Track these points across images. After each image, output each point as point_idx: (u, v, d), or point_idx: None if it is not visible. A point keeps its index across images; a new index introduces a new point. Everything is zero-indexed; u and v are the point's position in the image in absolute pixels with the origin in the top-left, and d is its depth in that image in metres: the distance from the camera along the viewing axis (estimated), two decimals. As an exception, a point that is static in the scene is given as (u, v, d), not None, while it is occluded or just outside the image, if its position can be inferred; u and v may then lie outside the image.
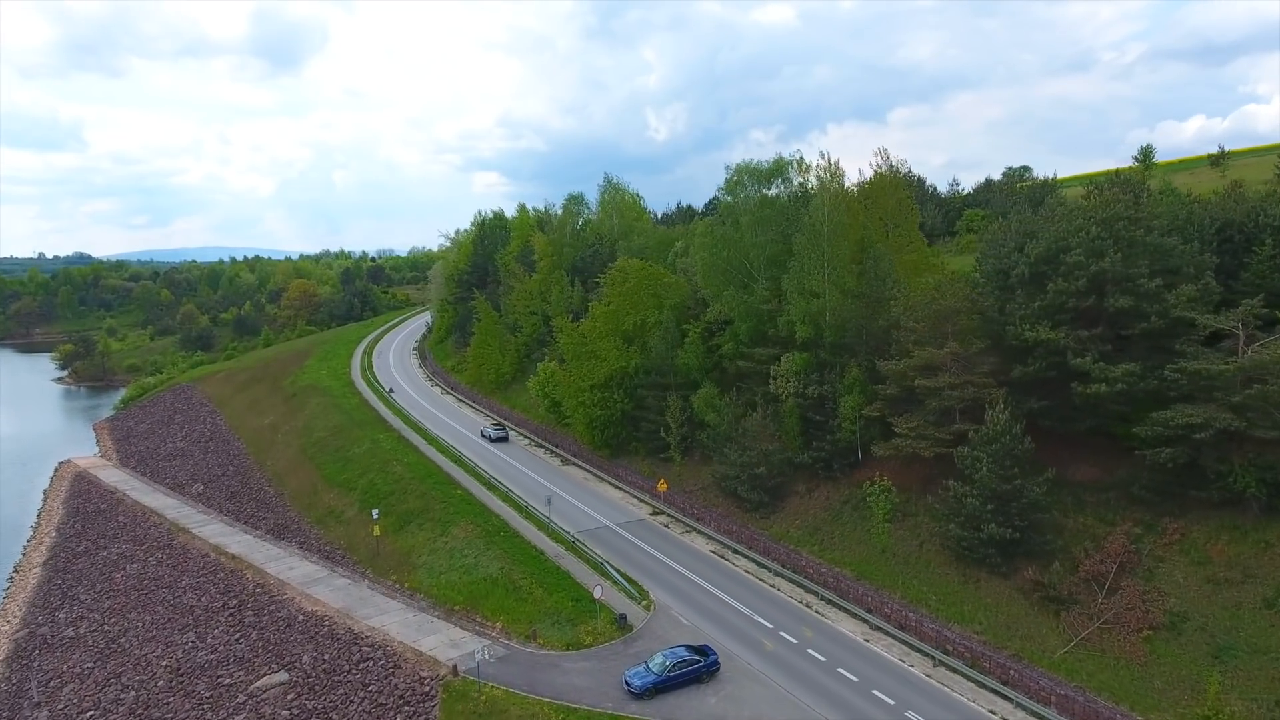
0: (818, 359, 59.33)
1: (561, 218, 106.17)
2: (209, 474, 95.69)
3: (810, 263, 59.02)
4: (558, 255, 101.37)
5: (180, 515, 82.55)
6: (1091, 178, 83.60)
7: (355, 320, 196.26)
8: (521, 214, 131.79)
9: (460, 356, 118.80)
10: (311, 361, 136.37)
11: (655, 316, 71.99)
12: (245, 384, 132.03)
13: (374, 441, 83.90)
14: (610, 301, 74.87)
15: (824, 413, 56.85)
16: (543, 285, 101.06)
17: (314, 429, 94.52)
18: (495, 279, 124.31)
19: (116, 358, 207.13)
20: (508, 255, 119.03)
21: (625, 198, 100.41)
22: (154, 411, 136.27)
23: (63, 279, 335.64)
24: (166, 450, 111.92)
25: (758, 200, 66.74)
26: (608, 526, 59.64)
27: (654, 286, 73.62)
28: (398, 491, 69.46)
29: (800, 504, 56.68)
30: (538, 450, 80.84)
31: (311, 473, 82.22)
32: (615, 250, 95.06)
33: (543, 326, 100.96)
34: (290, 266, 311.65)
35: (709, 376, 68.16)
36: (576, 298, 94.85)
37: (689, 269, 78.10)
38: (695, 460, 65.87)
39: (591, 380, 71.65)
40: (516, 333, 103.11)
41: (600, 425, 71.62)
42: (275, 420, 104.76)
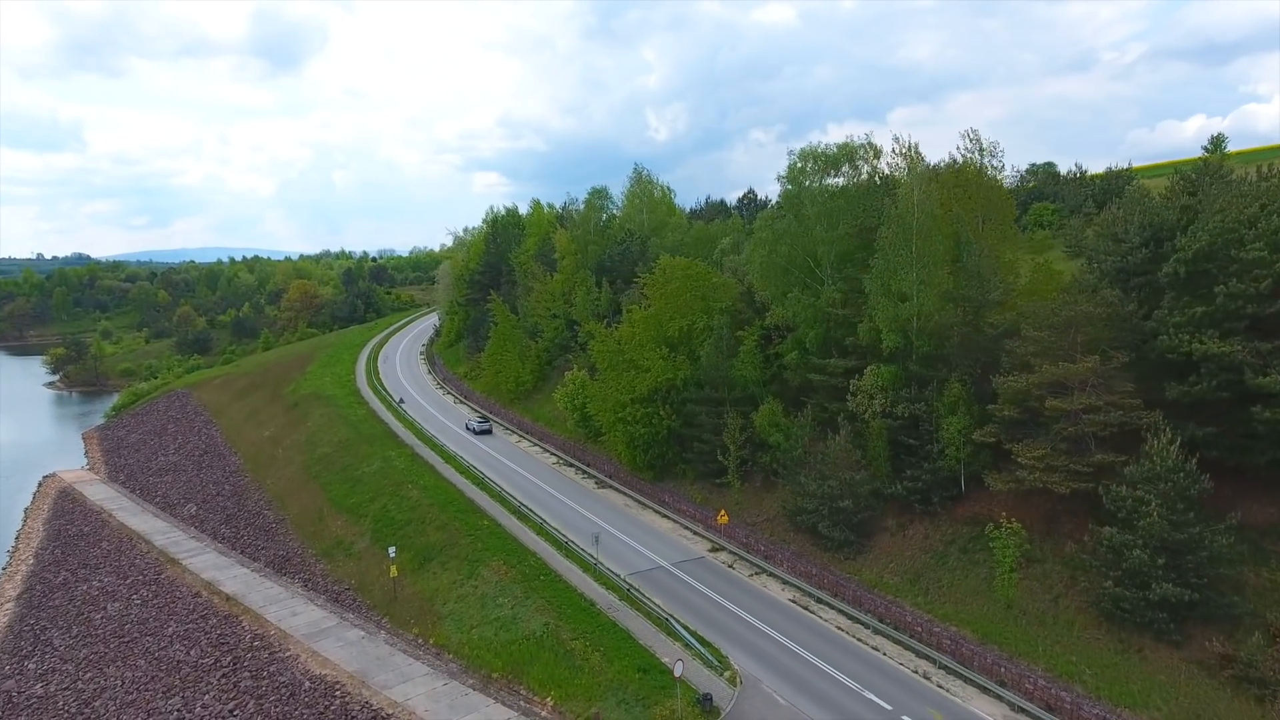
0: (905, 372, 50.63)
1: (584, 213, 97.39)
2: (203, 493, 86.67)
3: (898, 261, 50.29)
4: (581, 254, 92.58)
5: (170, 542, 73.66)
6: (1176, 167, 74.93)
7: (358, 322, 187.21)
8: (537, 210, 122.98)
9: (474, 362, 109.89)
10: (314, 367, 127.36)
11: (704, 321, 63.21)
12: (243, 391, 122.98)
13: (385, 459, 75.00)
14: (651, 304, 66.09)
15: (919, 435, 48.13)
16: (565, 286, 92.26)
17: (318, 443, 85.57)
18: (510, 279, 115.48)
19: (110, 361, 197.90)
20: (524, 254, 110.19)
21: (655, 192, 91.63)
22: (146, 420, 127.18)
23: (58, 280, 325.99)
24: (158, 464, 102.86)
25: (826, 190, 57.98)
26: (662, 567, 50.83)
27: (701, 288, 64.86)
28: (415, 521, 60.58)
29: (891, 543, 47.90)
30: (567, 470, 71.96)
31: (316, 494, 73.27)
32: (646, 248, 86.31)
33: (565, 331, 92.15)
34: (290, 267, 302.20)
35: (767, 390, 59.45)
36: (604, 300, 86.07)
37: (739, 268, 69.36)
38: (756, 486, 57.10)
39: (632, 393, 62.88)
40: (537, 338, 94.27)
41: (643, 445, 62.83)
42: (275, 433, 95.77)
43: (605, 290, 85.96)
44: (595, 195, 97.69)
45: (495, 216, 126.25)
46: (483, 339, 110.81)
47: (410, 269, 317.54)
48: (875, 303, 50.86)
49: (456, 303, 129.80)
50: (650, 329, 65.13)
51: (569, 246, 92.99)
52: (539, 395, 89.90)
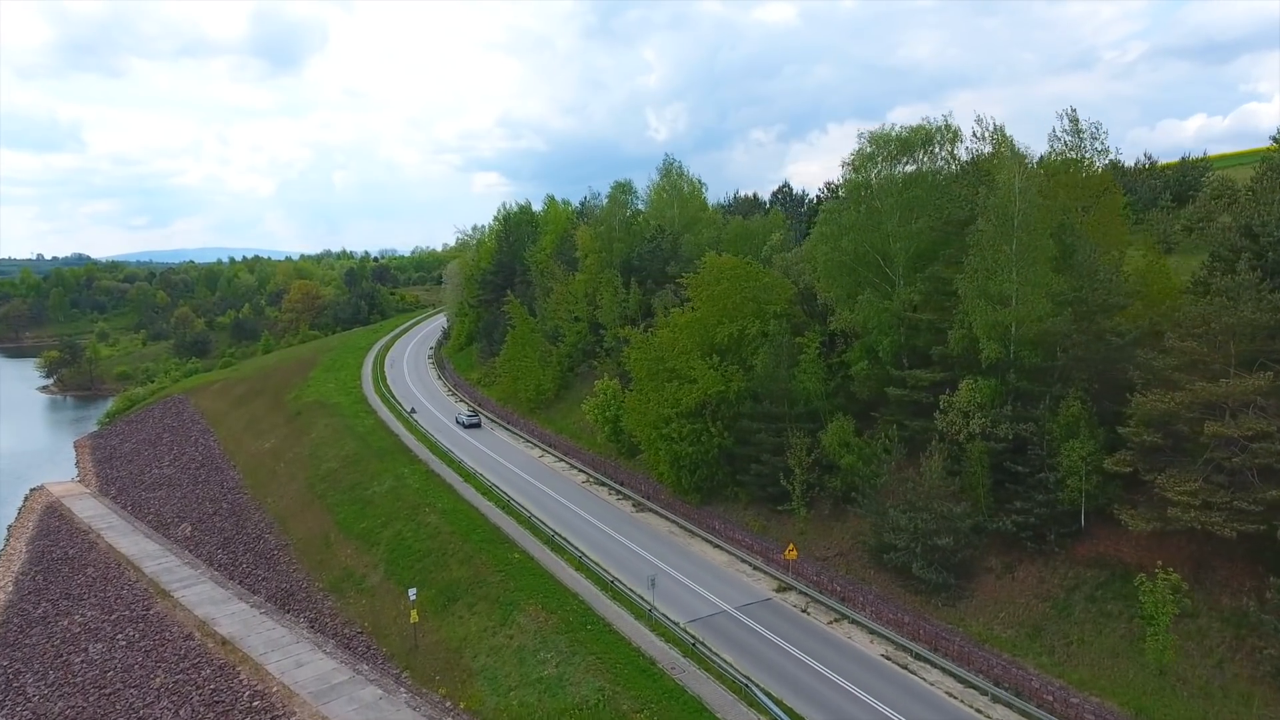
0: (1005, 385, 43.54)
1: (608, 208, 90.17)
2: (199, 511, 79.42)
3: (997, 258, 43.20)
4: (606, 251, 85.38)
5: (161, 569, 66.44)
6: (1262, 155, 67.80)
7: (362, 324, 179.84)
8: (552, 206, 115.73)
9: (488, 368, 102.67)
10: (317, 372, 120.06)
11: (757, 327, 56.06)
12: (242, 398, 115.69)
13: (398, 477, 67.79)
14: (697, 307, 58.95)
15: (1027, 461, 41.03)
16: (589, 286, 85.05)
17: (323, 457, 78.33)
18: (525, 279, 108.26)
19: (106, 364, 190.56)
20: (541, 252, 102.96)
21: (686, 185, 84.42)
22: (141, 428, 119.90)
23: (54, 280, 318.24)
24: (151, 477, 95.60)
25: (900, 178, 50.84)
26: (725, 611, 43.67)
27: (753, 288, 57.70)
28: (435, 552, 53.39)
29: (997, 587, 40.79)
30: (599, 490, 64.77)
31: (322, 516, 66.08)
32: (679, 245, 79.15)
33: (590, 335, 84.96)
34: (291, 267, 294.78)
35: (830, 403, 52.33)
36: (633, 301, 78.90)
37: (790, 267, 62.26)
38: (824, 515, 49.94)
39: (676, 407, 55.72)
40: (557, 342, 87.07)
41: (689, 465, 55.64)
42: (277, 444, 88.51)
43: (634, 291, 78.79)
44: (619, 189, 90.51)
45: (508, 213, 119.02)
46: (497, 343, 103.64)
47: (413, 269, 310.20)
48: (971, 306, 43.74)
49: (467, 304, 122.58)
50: (694, 335, 57.99)
51: (592, 244, 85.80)
52: (561, 405, 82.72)
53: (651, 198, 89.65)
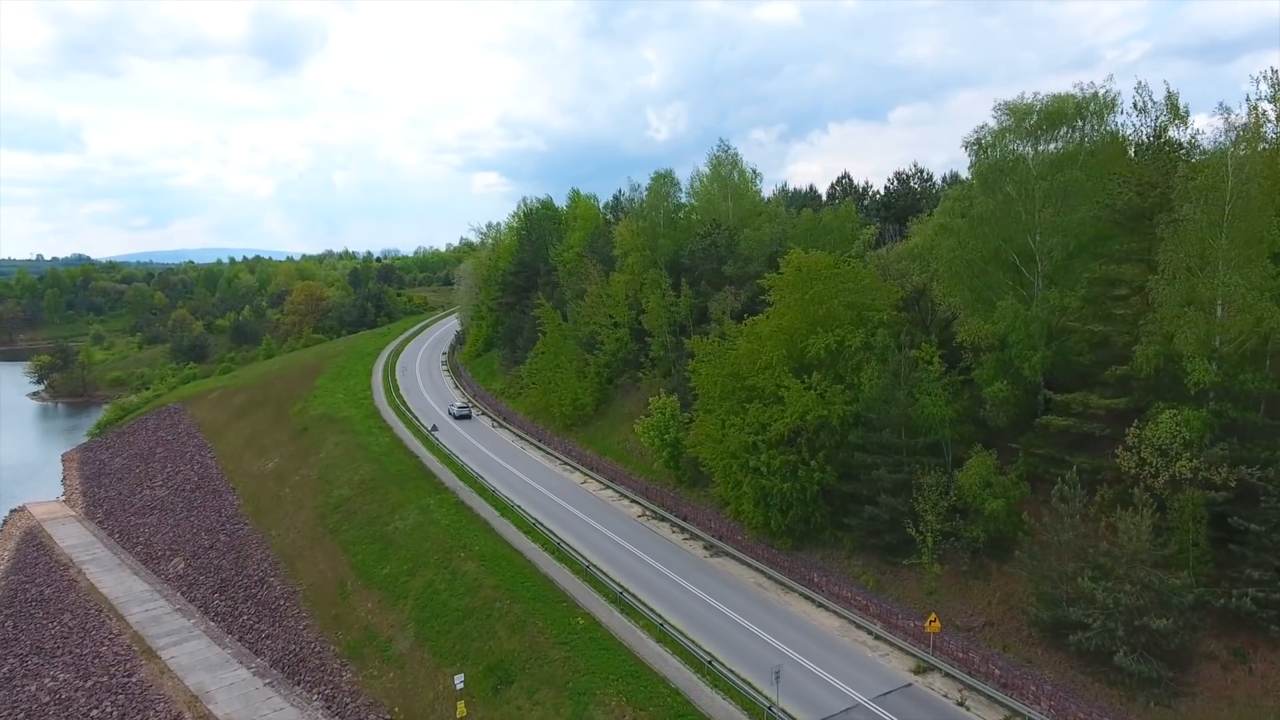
0: (1219, 417, 33.86)
1: (649, 201, 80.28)
2: (193, 543, 69.51)
3: (1204, 255, 33.52)
4: (650, 249, 75.57)
5: (149, 617, 56.77)
6: None
7: (368, 327, 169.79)
8: (577, 200, 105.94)
9: (511, 377, 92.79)
10: (323, 380, 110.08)
11: (860, 338, 46.24)
12: (243, 409, 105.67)
13: (423, 510, 57.96)
14: (783, 314, 49.17)
15: (1262, 516, 31.34)
16: (630, 288, 75.23)
17: (334, 482, 68.41)
18: (550, 280, 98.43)
19: (100, 369, 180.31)
20: (568, 251, 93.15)
21: (740, 174, 74.58)
22: (133, 441, 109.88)
23: (50, 281, 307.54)
24: (142, 499, 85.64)
25: (1050, 158, 41.12)
26: (860, 705, 33.89)
27: (851, 292, 47.94)
28: (478, 612, 43.54)
29: (1228, 684, 31.05)
30: (659, 526, 54.95)
31: (335, 556, 56.26)
32: (736, 242, 69.34)
33: (632, 343, 75.15)
34: (293, 267, 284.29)
35: (955, 431, 42.59)
36: (684, 305, 69.12)
37: (888, 266, 52.49)
38: (960, 571, 40.13)
39: (764, 433, 46.01)
40: (594, 350, 77.24)
41: (780, 503, 45.86)
42: (281, 464, 78.55)
43: (685, 293, 68.99)
44: (660, 180, 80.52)
45: (529, 209, 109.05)
46: (522, 350, 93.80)
47: (417, 269, 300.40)
48: (1170, 315, 34.02)
49: (486, 307, 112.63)
50: (779, 347, 48.25)
51: (633, 241, 75.92)
52: (601, 421, 72.88)
53: (698, 189, 79.76)
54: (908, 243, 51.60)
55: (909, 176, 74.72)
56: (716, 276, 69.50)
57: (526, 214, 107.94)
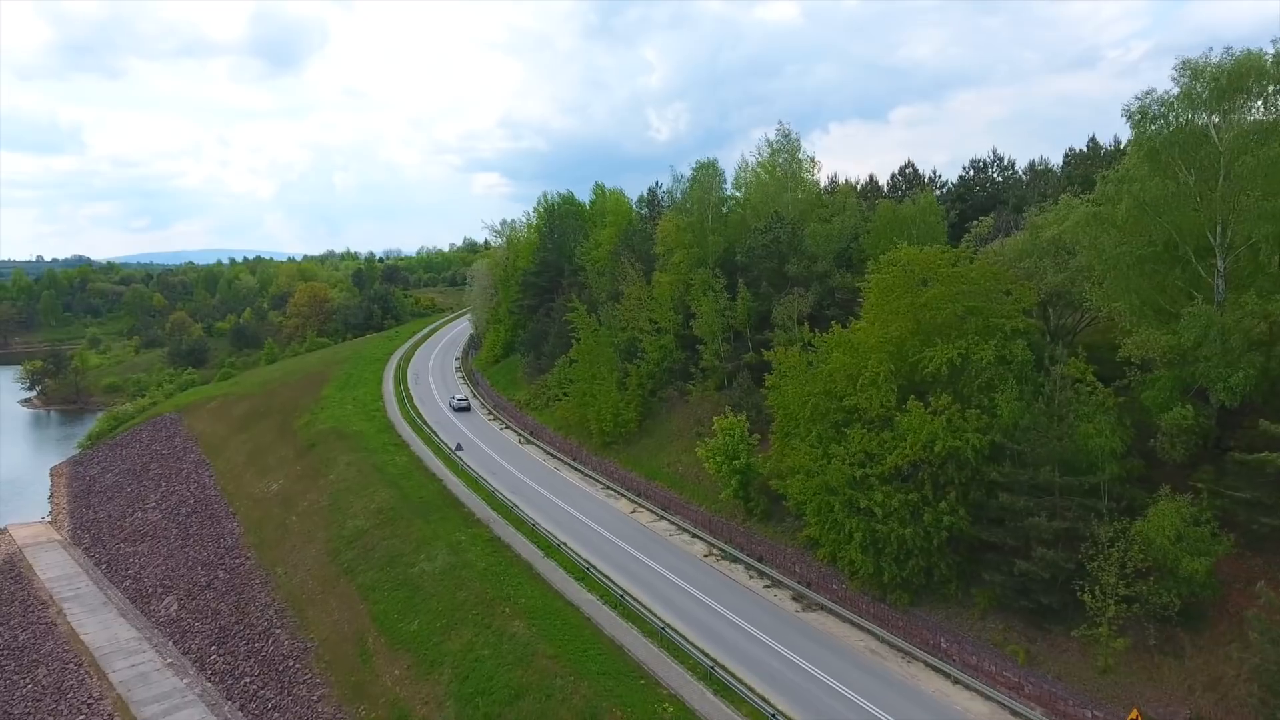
0: None
1: (692, 192, 71.89)
2: (188, 579, 61.12)
3: None
4: (699, 247, 67.27)
5: (136, 674, 48.56)
6: None
7: (375, 330, 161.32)
8: (605, 194, 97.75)
9: (537, 386, 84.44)
10: (330, 389, 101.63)
11: (990, 351, 37.92)
12: (244, 420, 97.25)
13: (453, 548, 49.59)
14: (888, 322, 40.87)
15: None
16: (676, 290, 66.94)
17: (347, 510, 60.02)
18: (577, 281, 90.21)
19: (94, 375, 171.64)
20: (598, 249, 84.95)
21: (799, 163, 66.12)
22: (126, 454, 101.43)
23: (47, 282, 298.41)
24: (133, 523, 77.21)
25: (1252, 128, 32.81)
26: (1057, 840, 25.57)
27: (973, 295, 39.65)
28: (534, 689, 35.14)
29: None
30: (732, 570, 46.55)
31: (353, 604, 47.89)
32: (800, 238, 61.02)
33: (678, 351, 66.87)
34: (294, 268, 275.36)
35: (1122, 467, 34.29)
36: (742, 309, 60.84)
37: (1011, 265, 44.13)
38: (1146, 645, 31.81)
39: (875, 466, 37.80)
40: (635, 359, 68.94)
41: (897, 551, 37.61)
42: (287, 486, 70.14)
43: (743, 296, 60.68)
44: (704, 171, 71.87)
45: (551, 204, 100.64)
46: (547, 357, 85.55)
47: (421, 270, 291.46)
48: None
49: (505, 309, 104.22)
50: (884, 361, 39.98)
51: (679, 238, 67.59)
52: (646, 439, 64.55)
53: (746, 180, 71.32)
54: (1030, 236, 43.29)
55: (987, 164, 66.42)
56: (777, 277, 61.26)
57: (548, 209, 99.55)
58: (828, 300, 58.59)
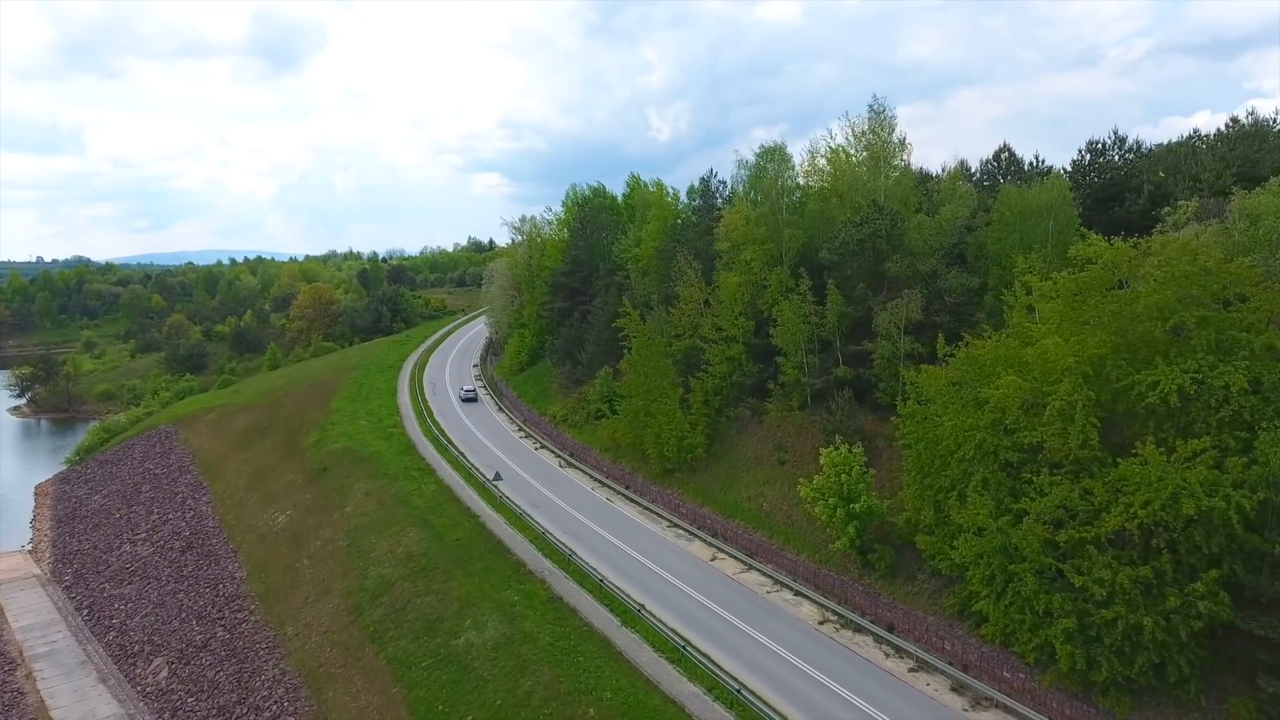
0: None
1: (756, 181, 62.22)
2: (181, 636, 51.34)
3: None
4: (773, 243, 57.62)
5: (113, 772, 38.58)
6: None
7: (384, 333, 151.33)
8: (636, 186, 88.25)
9: (574, 400, 74.67)
10: (340, 401, 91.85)
11: (1236, 374, 28.26)
12: (246, 435, 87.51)
13: (506, 612, 39.86)
14: (1085, 334, 31.22)
15: None
16: (745, 292, 57.30)
17: (369, 553, 50.30)
18: (613, 281, 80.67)
19: (87, 381, 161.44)
20: (641, 246, 75.32)
21: (890, 144, 56.34)
22: (116, 472, 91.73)
23: (42, 283, 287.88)
24: (121, 558, 67.50)
25: None
26: None
27: (1201, 301, 30.03)
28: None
29: None
30: (859, 642, 36.80)
31: (383, 684, 38.14)
32: (900, 231, 51.36)
33: (750, 363, 57.25)
34: (296, 268, 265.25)
35: None
36: (832, 315, 51.19)
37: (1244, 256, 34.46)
38: None
39: (1073, 527, 28.21)
40: (698, 372, 59.28)
41: (1122, 644, 27.97)
42: (296, 519, 60.40)
43: (833, 300, 51.02)
44: (770, 157, 62.17)
45: (583, 197, 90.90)
46: (585, 367, 75.93)
47: (427, 270, 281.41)
48: None
49: (533, 313, 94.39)
50: (1077, 385, 30.33)
51: (749, 232, 57.87)
52: (716, 467, 54.90)
53: (817, 167, 61.49)
54: (1246, 226, 33.78)
55: (1107, 146, 56.74)
56: (874, 277, 51.67)
57: (580, 203, 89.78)
58: (936, 305, 49.05)
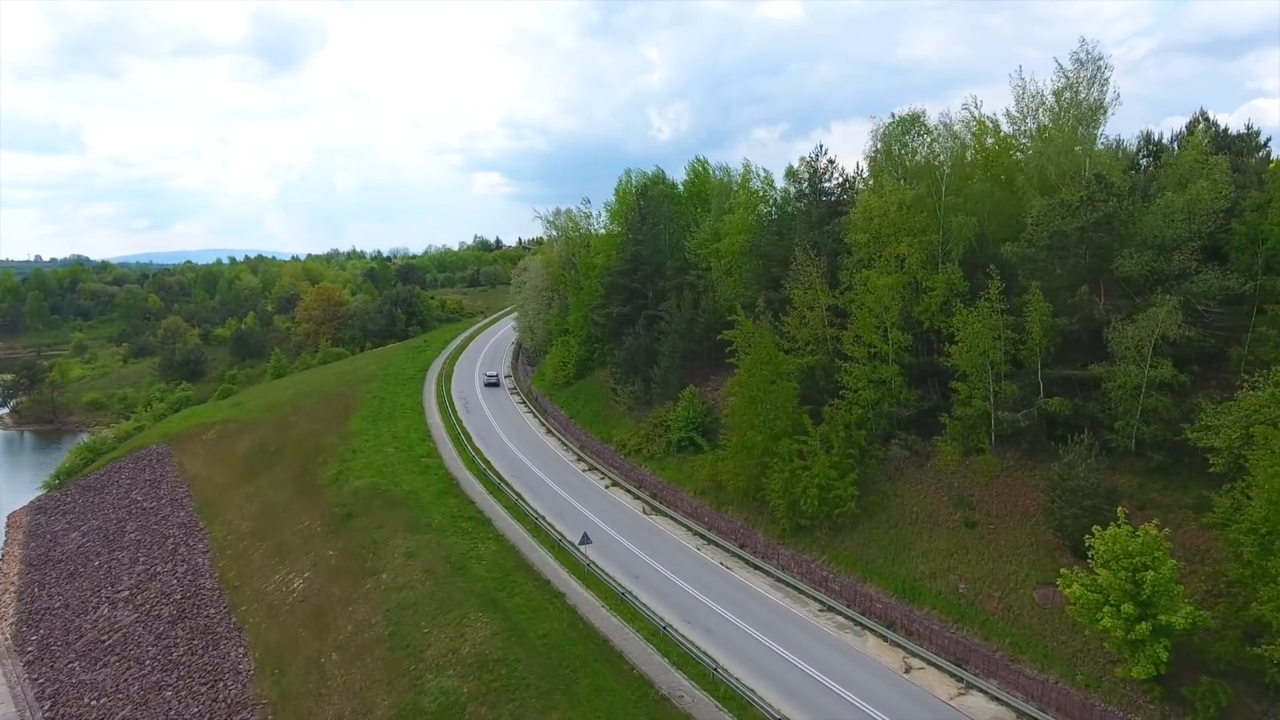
0: None
1: (887, 151, 48.57)
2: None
3: None
4: (939, 233, 44.08)
5: None
6: None
7: (397, 338, 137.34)
8: (701, 171, 74.86)
9: (647, 426, 60.87)
10: (359, 420, 78.10)
11: None
12: (250, 461, 73.81)
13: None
14: None
15: None
16: (902, 298, 43.75)
17: (420, 651, 36.57)
18: (685, 282, 67.22)
19: (75, 389, 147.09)
20: (723, 241, 61.88)
21: (1097, 94, 42.64)
22: (99, 504, 78.00)
23: (34, 282, 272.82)
24: (97, 625, 53.73)
25: None
26: None
27: None
28: None
29: None
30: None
31: None
32: (1133, 216, 37.78)
33: (906, 389, 43.72)
34: (298, 268, 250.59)
35: None
36: (1036, 330, 37.66)
37: None
38: None
39: None
40: (829, 400, 45.71)
41: None
42: (317, 586, 46.63)
43: (1038, 309, 37.47)
44: (902, 125, 48.73)
45: (643, 183, 77.15)
46: (660, 387, 62.32)
47: (435, 269, 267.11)
48: None
49: (580, 317, 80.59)
50: None
51: (903, 220, 44.26)
52: (869, 524, 41.31)
53: (982, 128, 47.72)
54: None
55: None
56: (1091, 278, 38.19)
57: (641, 190, 76.03)
58: (1188, 316, 35.66)
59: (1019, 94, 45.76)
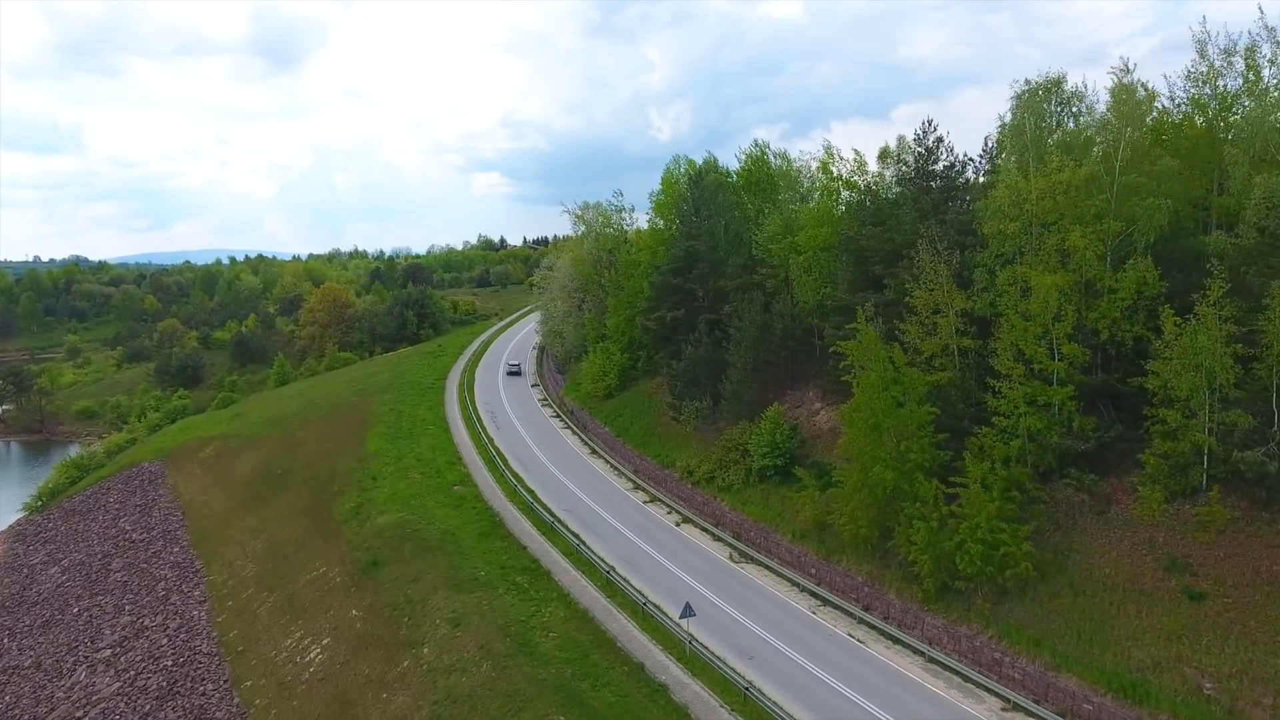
0: None
1: (1020, 127, 39.41)
2: None
3: None
4: (1124, 219, 34.93)
5: None
6: None
7: (409, 342, 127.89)
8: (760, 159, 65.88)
9: (719, 450, 51.53)
10: (376, 438, 68.79)
11: None
12: (254, 484, 64.52)
13: None
14: None
15: None
16: (1072, 299, 34.58)
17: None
18: (751, 282, 58.03)
19: (66, 396, 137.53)
20: (801, 234, 52.88)
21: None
22: (84, 531, 68.71)
23: (28, 283, 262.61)
24: (72, 697, 44.31)
25: None
26: None
27: None
28: None
29: None
30: None
31: None
32: None
33: (1084, 418, 34.55)
34: (300, 268, 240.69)
35: None
36: (1277, 341, 28.54)
37: None
38: None
39: None
40: (976, 430, 36.56)
41: None
42: (338, 660, 37.31)
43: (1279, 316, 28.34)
44: (1044, 93, 39.81)
45: (698, 171, 67.86)
46: (733, 405, 53.09)
47: (441, 269, 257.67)
48: None
49: (622, 321, 71.30)
50: None
51: (1069, 203, 35.09)
52: (1045, 590, 32.13)
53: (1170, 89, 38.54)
54: None
55: None
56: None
57: (694, 178, 66.65)
58: None
59: (1200, 47, 36.81)
